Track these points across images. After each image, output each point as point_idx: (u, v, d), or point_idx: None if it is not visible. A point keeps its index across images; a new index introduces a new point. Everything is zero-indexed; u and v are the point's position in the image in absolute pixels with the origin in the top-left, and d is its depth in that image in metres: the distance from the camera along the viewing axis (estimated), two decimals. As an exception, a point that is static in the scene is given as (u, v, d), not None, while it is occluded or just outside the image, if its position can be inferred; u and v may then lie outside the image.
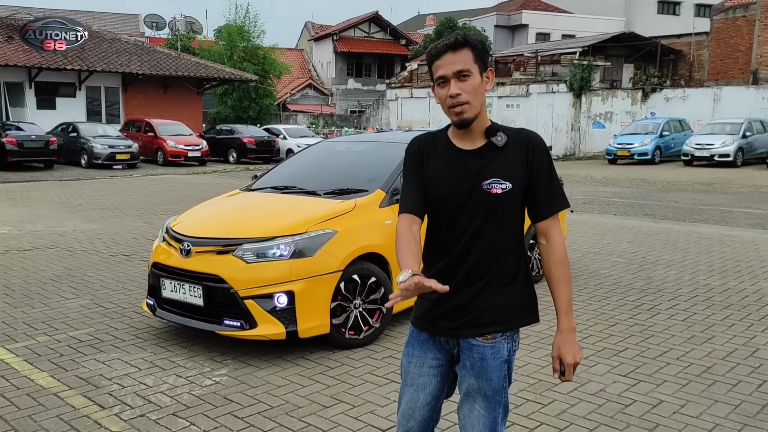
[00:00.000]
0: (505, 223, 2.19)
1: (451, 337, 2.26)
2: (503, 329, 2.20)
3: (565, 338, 2.20)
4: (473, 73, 2.14)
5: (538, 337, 5.11)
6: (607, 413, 3.79)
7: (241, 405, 3.88)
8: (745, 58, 31.49)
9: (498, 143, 2.17)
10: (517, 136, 2.19)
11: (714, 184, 17.81)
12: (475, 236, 2.18)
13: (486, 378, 2.21)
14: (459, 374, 2.28)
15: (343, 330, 4.76)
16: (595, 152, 28.65)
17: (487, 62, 2.18)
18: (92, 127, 23.38)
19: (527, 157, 2.16)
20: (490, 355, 2.20)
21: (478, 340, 2.20)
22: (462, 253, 2.20)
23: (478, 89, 2.15)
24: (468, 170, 2.18)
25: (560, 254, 2.20)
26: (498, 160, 2.16)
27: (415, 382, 2.32)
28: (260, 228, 4.78)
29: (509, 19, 49.92)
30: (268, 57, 36.08)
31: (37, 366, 4.46)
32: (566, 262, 2.21)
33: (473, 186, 2.16)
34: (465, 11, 60.42)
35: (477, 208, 2.16)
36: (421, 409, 2.32)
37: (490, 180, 2.14)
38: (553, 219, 2.21)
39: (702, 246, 8.86)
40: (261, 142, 25.48)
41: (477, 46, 2.16)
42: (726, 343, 4.99)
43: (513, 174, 2.15)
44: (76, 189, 15.70)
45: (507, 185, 2.14)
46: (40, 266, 7.40)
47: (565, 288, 2.20)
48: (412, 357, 2.34)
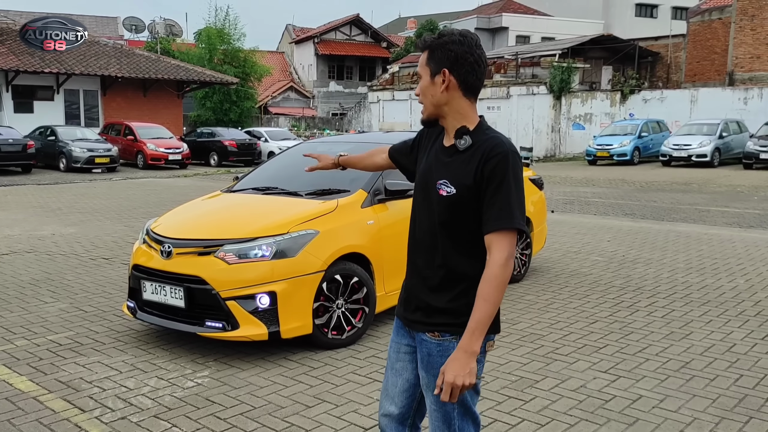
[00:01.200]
0: (453, 227, 2.15)
1: (409, 327, 2.32)
2: (453, 331, 2.15)
3: (457, 356, 2.05)
4: (422, 75, 2.20)
5: (520, 335, 5.15)
6: (588, 409, 3.83)
7: (223, 406, 3.87)
8: (722, 59, 31.97)
9: (460, 146, 2.16)
10: (482, 144, 2.13)
11: (692, 183, 18.04)
12: (427, 232, 2.22)
13: (433, 374, 2.19)
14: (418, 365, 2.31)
15: (325, 330, 4.75)
16: (575, 153, 28.89)
17: (440, 63, 2.14)
18: (71, 130, 23.12)
19: (479, 166, 2.09)
20: (436, 351, 2.19)
21: (426, 336, 2.21)
22: (417, 248, 2.28)
23: (426, 91, 2.19)
24: (436, 164, 2.22)
25: (491, 272, 2.05)
26: (455, 163, 2.15)
27: (393, 366, 2.39)
28: (242, 229, 4.76)
29: (489, 21, 50.18)
30: (248, 60, 35.91)
31: (16, 370, 4.40)
32: (495, 282, 2.04)
33: (433, 182, 2.19)
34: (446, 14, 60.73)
35: (431, 205, 2.20)
36: (401, 395, 2.37)
37: (442, 181, 2.15)
38: (495, 235, 2.07)
39: (680, 244, 8.97)
40: (242, 145, 25.35)
41: (433, 48, 2.16)
42: (704, 339, 5.06)
43: (460, 180, 2.12)
44: (55, 193, 15.52)
45: (452, 190, 2.12)
46: (18, 270, 7.31)
47: (482, 307, 2.04)
48: (392, 342, 2.42)
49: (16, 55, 25.36)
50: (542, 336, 5.12)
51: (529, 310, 5.83)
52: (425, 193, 2.24)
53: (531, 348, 4.86)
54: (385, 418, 2.41)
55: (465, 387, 2.05)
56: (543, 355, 4.70)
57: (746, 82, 28.68)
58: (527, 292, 6.43)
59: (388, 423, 2.41)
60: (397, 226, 5.17)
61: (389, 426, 2.41)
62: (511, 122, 29.06)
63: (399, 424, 2.40)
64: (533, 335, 5.15)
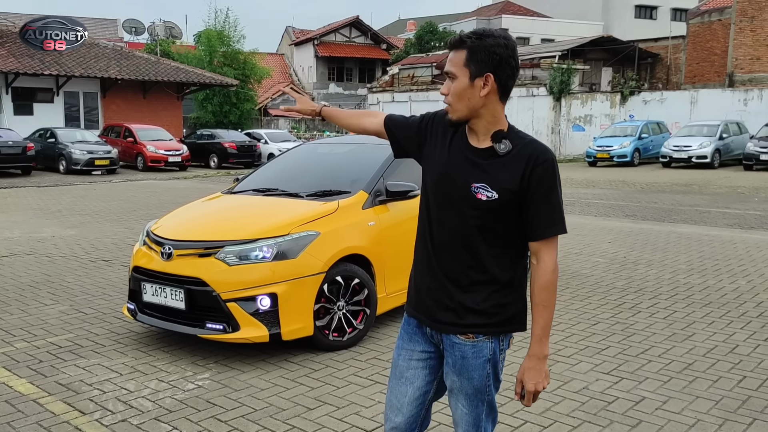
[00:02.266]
0: (489, 231, 2.12)
1: (434, 330, 2.25)
2: (486, 332, 2.16)
3: (532, 364, 2.15)
4: (459, 76, 2.08)
5: (522, 336, 5.09)
6: (591, 410, 3.81)
7: (224, 408, 3.85)
8: (721, 61, 31.99)
9: (500, 150, 2.10)
10: (524, 149, 2.10)
11: (692, 185, 18.03)
12: (455, 234, 2.15)
13: (467, 377, 2.18)
14: (444, 370, 2.28)
15: (326, 332, 4.74)
16: (575, 155, 28.89)
17: (483, 67, 2.06)
18: (71, 132, 23.10)
19: (525, 173, 2.06)
20: (471, 354, 2.17)
21: (459, 338, 2.17)
22: (441, 249, 2.19)
23: (462, 94, 2.09)
24: (465, 165, 2.14)
25: (546, 279, 2.12)
26: (494, 166, 2.10)
27: (403, 375, 2.30)
28: (242, 230, 4.75)
29: (489, 23, 50.16)
30: (248, 61, 35.93)
31: (16, 372, 4.38)
32: (551, 288, 2.13)
33: (464, 183, 2.12)
34: (445, 16, 60.77)
35: (461, 208, 2.12)
36: (410, 404, 2.30)
37: (479, 184, 2.09)
38: (545, 242, 2.12)
39: (681, 246, 8.96)
40: (242, 147, 25.33)
41: (474, 48, 2.06)
42: (706, 340, 5.04)
43: (503, 185, 2.07)
44: (55, 195, 15.50)
45: (493, 194, 2.07)
46: (18, 272, 7.29)
47: (543, 313, 2.13)
48: (402, 349, 2.33)
49: (16, 57, 25.37)
50: (544, 337, 5.10)
51: (531, 312, 5.80)
52: (449, 193, 2.15)
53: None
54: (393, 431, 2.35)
55: (540, 391, 2.16)
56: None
57: (746, 83, 28.68)
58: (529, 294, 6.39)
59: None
60: (399, 228, 5.16)
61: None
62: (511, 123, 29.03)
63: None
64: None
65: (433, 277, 2.22)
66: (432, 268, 2.22)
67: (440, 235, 2.19)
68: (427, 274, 2.24)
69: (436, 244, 2.20)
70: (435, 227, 2.21)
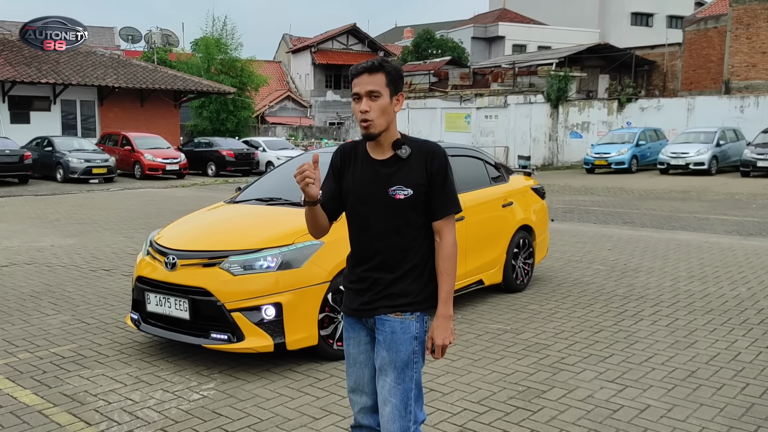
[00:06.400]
0: (410, 223, 2.50)
1: (368, 315, 2.55)
2: (413, 309, 2.51)
3: (439, 323, 2.50)
4: (383, 95, 2.43)
5: (525, 345, 5.14)
6: (596, 419, 3.82)
7: (230, 419, 3.84)
8: (717, 68, 32.16)
9: (402, 155, 2.48)
10: (420, 148, 2.51)
11: (690, 192, 18.09)
12: (385, 234, 2.49)
13: (395, 350, 2.49)
14: (375, 350, 2.56)
15: (331, 341, 4.74)
16: (573, 162, 28.97)
17: (399, 87, 2.48)
18: (68, 141, 23.08)
19: (427, 167, 2.47)
20: (399, 329, 2.50)
21: (389, 316, 2.51)
22: (375, 249, 2.51)
23: (386, 109, 2.45)
24: (377, 178, 2.49)
25: (448, 251, 2.51)
26: (403, 169, 2.48)
27: (357, 360, 2.62)
28: (246, 240, 4.75)
29: (486, 31, 50.44)
30: (245, 69, 35.94)
31: (20, 383, 4.37)
32: (452, 259, 2.51)
33: (382, 191, 2.47)
34: (442, 23, 61.00)
35: (385, 211, 2.48)
36: (370, 383, 2.61)
37: (395, 187, 2.46)
38: (445, 220, 2.52)
39: (681, 253, 8.98)
40: (240, 155, 25.34)
41: (391, 72, 2.44)
42: (709, 348, 5.06)
43: (414, 181, 2.47)
44: (53, 204, 15.48)
45: (408, 191, 2.46)
46: (18, 282, 7.27)
47: (447, 280, 2.51)
48: (350, 339, 2.64)
49: (13, 65, 25.36)
50: (547, 346, 5.11)
51: (534, 320, 5.83)
52: (370, 201, 2.49)
53: (537, 358, 4.85)
54: (362, 414, 2.64)
55: (448, 345, 2.51)
56: (549, 365, 4.69)
57: (742, 90, 28.85)
58: (531, 302, 6.42)
59: (364, 416, 2.63)
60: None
61: (365, 418, 2.64)
62: (509, 131, 29.11)
63: (373, 413, 2.62)
64: (538, 345, 5.14)
65: (368, 272, 2.53)
66: (366, 265, 2.53)
67: (372, 238, 2.51)
68: (361, 272, 2.55)
69: (370, 246, 2.52)
70: (367, 233, 2.52)
